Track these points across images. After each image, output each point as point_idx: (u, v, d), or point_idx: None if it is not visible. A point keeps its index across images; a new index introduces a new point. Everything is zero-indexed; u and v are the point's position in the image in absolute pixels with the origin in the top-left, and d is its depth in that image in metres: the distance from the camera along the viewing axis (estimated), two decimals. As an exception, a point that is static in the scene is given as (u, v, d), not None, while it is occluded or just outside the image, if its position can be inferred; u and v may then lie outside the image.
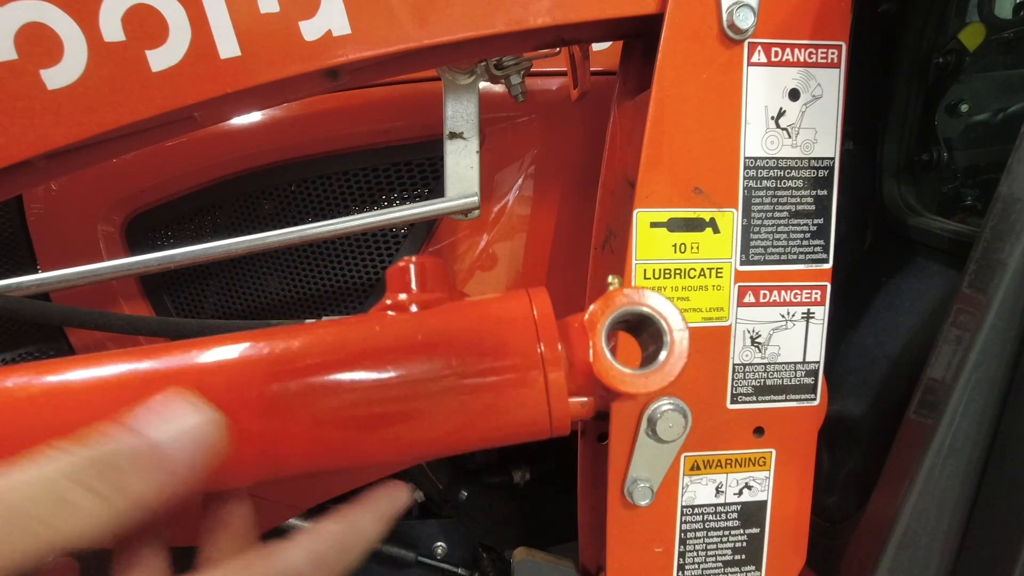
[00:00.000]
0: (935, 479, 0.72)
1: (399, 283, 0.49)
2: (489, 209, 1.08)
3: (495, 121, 1.06)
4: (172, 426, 0.36)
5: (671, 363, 0.43)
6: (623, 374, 0.43)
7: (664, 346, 0.43)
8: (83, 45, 0.62)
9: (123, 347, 1.10)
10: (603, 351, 0.43)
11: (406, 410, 0.43)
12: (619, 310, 0.44)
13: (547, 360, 0.44)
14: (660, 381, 0.43)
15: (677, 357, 0.43)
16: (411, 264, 0.49)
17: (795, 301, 0.74)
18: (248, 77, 0.65)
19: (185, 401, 0.37)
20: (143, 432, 0.35)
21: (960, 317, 0.70)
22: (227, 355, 0.43)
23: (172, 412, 0.36)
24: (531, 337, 0.45)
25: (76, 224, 1.03)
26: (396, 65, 0.74)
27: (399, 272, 0.49)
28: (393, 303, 0.48)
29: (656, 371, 0.43)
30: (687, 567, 0.78)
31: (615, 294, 0.45)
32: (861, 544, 0.81)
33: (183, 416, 0.36)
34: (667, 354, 0.43)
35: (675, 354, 0.43)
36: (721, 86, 0.69)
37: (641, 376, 0.43)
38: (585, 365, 0.44)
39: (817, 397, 0.76)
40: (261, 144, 1.05)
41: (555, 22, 0.67)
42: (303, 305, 1.09)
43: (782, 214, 0.72)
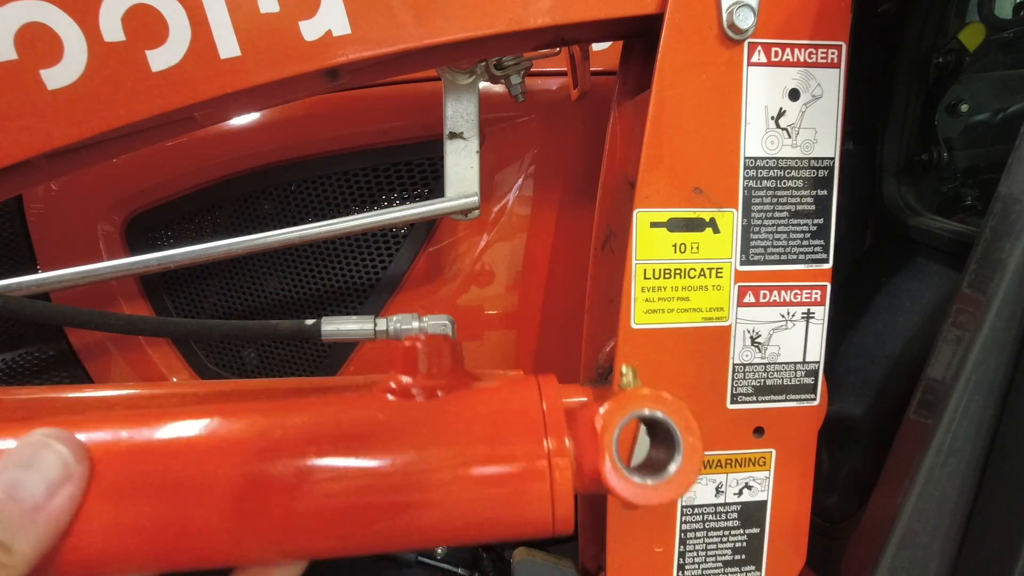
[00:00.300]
0: (935, 479, 0.72)
1: (407, 364, 0.47)
2: (489, 209, 1.08)
3: (495, 121, 1.06)
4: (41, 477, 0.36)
5: (684, 475, 0.41)
6: (635, 487, 0.41)
7: (676, 456, 0.41)
8: (83, 45, 0.62)
9: (123, 347, 1.10)
10: (614, 459, 0.41)
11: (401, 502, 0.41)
12: (632, 414, 0.42)
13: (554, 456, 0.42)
14: (672, 494, 0.41)
15: (689, 470, 0.41)
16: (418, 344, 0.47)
17: (795, 301, 0.74)
18: (248, 77, 0.65)
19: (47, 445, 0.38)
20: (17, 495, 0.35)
21: (960, 317, 0.70)
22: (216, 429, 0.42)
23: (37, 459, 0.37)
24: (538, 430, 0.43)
25: (76, 224, 1.03)
26: (396, 65, 0.74)
27: (408, 352, 0.47)
28: (398, 386, 0.46)
29: (666, 483, 0.41)
30: (687, 567, 0.78)
31: (630, 397, 0.42)
32: (861, 544, 0.81)
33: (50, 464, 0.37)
34: (678, 467, 0.41)
35: (687, 467, 0.41)
36: (721, 86, 0.69)
37: (653, 488, 0.41)
38: (593, 467, 0.42)
39: (817, 397, 0.76)
40: (261, 144, 1.05)
41: (555, 22, 0.67)
42: (303, 305, 1.09)
43: (782, 214, 0.72)
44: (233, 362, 1.13)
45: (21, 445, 0.38)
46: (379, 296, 1.08)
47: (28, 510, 0.35)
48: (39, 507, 0.36)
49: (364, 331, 0.79)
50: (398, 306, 1.08)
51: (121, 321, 0.83)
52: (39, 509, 0.36)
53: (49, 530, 0.36)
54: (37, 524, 0.36)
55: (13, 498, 0.35)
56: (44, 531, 0.36)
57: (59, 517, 0.37)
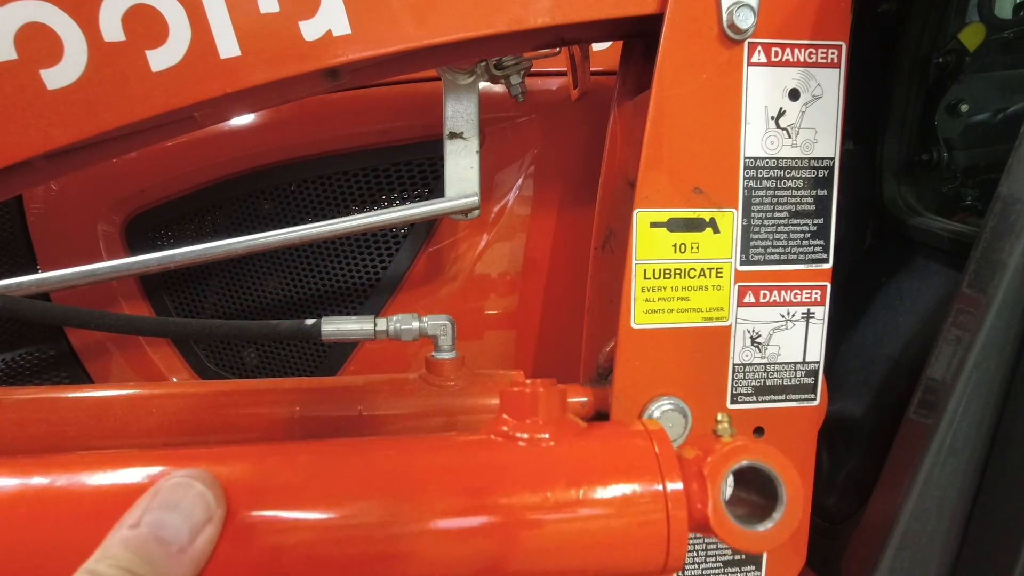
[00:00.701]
0: (935, 479, 0.72)
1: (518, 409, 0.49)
2: (489, 209, 1.08)
3: (495, 121, 1.06)
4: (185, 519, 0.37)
5: (785, 524, 0.44)
6: (741, 533, 0.43)
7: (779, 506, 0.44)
8: (83, 45, 0.62)
9: (123, 347, 1.10)
10: (721, 505, 0.44)
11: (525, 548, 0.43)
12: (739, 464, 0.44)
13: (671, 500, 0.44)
14: (773, 542, 0.43)
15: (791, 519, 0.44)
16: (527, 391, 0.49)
17: (795, 301, 0.74)
18: (248, 77, 0.65)
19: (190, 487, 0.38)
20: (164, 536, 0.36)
21: (960, 317, 0.70)
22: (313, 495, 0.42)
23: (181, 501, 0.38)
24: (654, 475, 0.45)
25: (76, 224, 1.03)
26: (396, 65, 0.74)
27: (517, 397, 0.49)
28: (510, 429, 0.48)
29: (771, 532, 0.43)
30: (687, 567, 0.78)
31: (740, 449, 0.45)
32: (861, 544, 0.81)
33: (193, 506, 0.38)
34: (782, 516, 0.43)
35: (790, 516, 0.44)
36: (721, 86, 0.68)
37: (757, 535, 0.43)
38: (698, 512, 0.44)
39: (817, 397, 0.76)
40: (261, 144, 1.05)
41: (555, 22, 0.67)
42: (303, 305, 1.09)
43: (782, 214, 0.72)
44: (233, 362, 1.13)
45: (165, 486, 0.38)
46: (379, 296, 1.08)
47: (173, 552, 0.36)
48: (183, 549, 0.36)
49: (364, 331, 0.79)
50: (398, 306, 1.08)
51: (121, 321, 0.83)
52: (183, 551, 0.36)
53: (192, 571, 0.37)
54: (181, 565, 0.36)
55: (159, 539, 0.36)
56: (188, 571, 0.37)
57: (200, 559, 0.37)
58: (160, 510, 0.37)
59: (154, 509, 0.37)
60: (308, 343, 1.11)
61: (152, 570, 0.35)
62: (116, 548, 0.35)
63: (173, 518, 0.37)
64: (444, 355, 0.79)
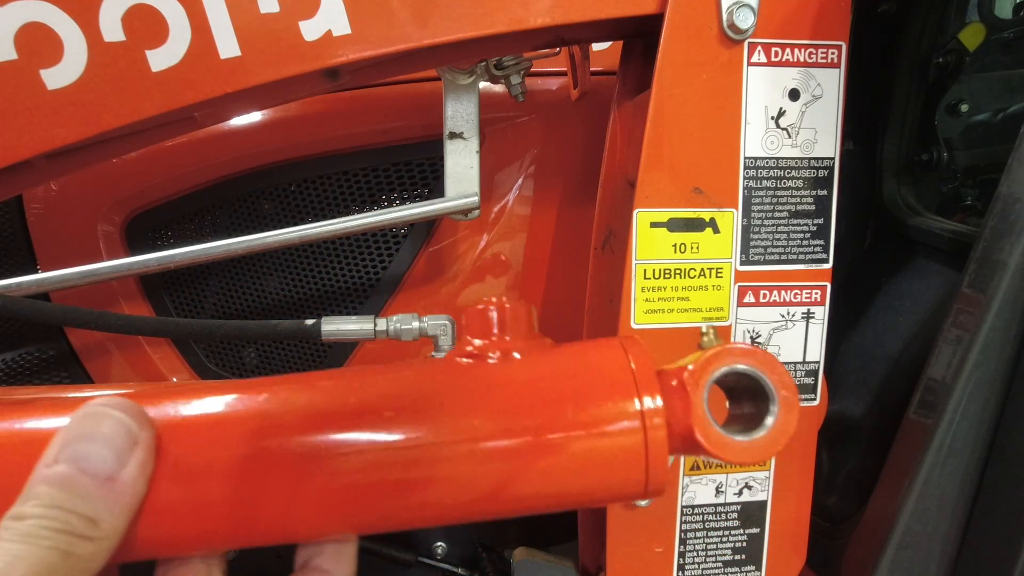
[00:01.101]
0: (935, 479, 0.72)
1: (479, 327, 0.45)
2: (489, 209, 1.08)
3: (495, 121, 1.06)
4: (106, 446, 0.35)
5: (779, 430, 0.39)
6: (727, 441, 0.39)
7: (772, 412, 0.39)
8: (83, 45, 0.62)
9: (123, 347, 1.10)
10: (705, 414, 0.39)
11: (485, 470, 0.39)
12: (724, 369, 0.40)
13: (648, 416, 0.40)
14: (767, 450, 0.39)
15: (785, 424, 0.39)
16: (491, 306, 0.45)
17: (795, 301, 0.74)
18: (248, 77, 0.65)
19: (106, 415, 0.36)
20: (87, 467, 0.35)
21: (960, 317, 0.70)
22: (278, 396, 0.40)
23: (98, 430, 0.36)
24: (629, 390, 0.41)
25: (76, 224, 1.03)
26: (396, 65, 0.74)
27: (479, 315, 0.45)
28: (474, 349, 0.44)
29: (763, 439, 0.39)
30: (687, 567, 0.78)
31: (721, 352, 0.40)
32: (861, 544, 0.81)
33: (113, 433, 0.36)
34: (775, 420, 0.39)
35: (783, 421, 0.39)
36: (721, 86, 0.69)
37: (746, 444, 0.39)
38: (682, 426, 0.40)
39: (817, 397, 0.76)
40: (261, 144, 1.05)
41: (555, 22, 0.67)
42: (303, 305, 1.09)
43: (782, 214, 0.72)
44: (233, 362, 1.13)
45: (78, 417, 0.37)
46: (379, 296, 1.08)
47: (102, 481, 0.34)
48: (112, 477, 0.35)
49: (364, 331, 0.79)
50: (398, 306, 1.08)
51: (121, 321, 0.83)
52: (113, 479, 0.34)
53: (128, 499, 0.35)
54: (116, 493, 0.34)
55: (83, 471, 0.34)
56: (124, 500, 0.35)
57: (134, 485, 0.35)
58: (77, 442, 0.35)
59: (70, 443, 0.35)
60: (308, 343, 1.11)
61: (83, 503, 0.33)
62: (39, 487, 0.34)
63: (92, 447, 0.35)
64: (444, 355, 0.79)
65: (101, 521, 0.34)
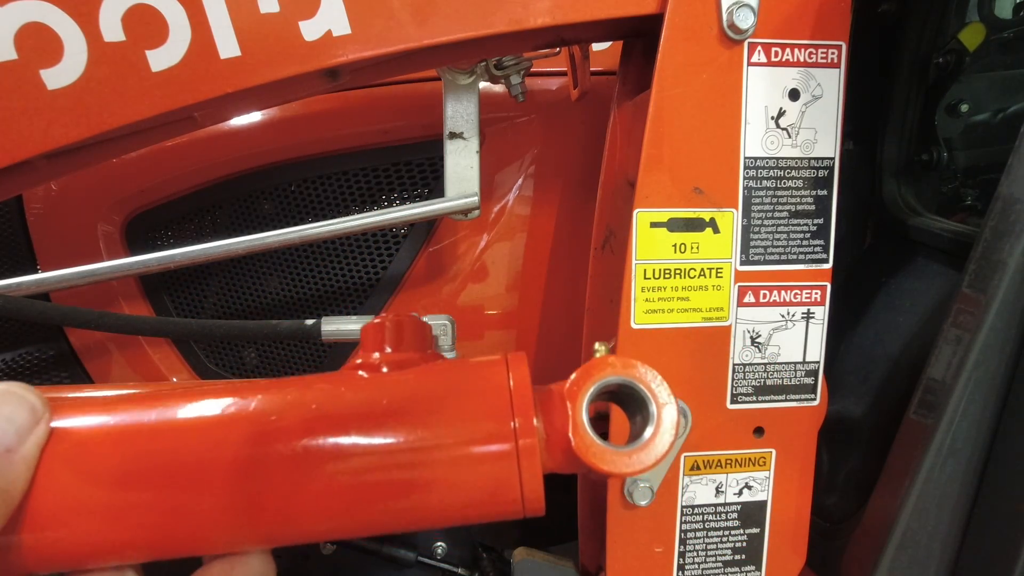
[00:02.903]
0: (935, 479, 0.72)
1: (374, 341, 0.45)
2: (489, 209, 1.08)
3: (495, 121, 1.06)
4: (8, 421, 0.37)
5: (657, 440, 0.39)
6: (604, 451, 0.39)
7: (650, 421, 0.39)
8: (83, 45, 0.62)
9: (123, 347, 1.10)
10: (583, 425, 0.39)
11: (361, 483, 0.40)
12: (601, 381, 0.40)
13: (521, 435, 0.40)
14: (644, 460, 0.39)
15: (663, 434, 0.39)
16: (386, 322, 0.46)
17: (795, 301, 0.74)
18: (248, 77, 0.65)
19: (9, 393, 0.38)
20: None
21: (960, 317, 0.70)
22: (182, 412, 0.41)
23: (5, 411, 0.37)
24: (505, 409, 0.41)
25: (76, 224, 1.03)
26: (396, 65, 0.74)
27: (374, 330, 0.46)
28: (364, 362, 0.45)
29: (640, 449, 0.39)
30: (687, 567, 0.78)
31: (598, 363, 0.41)
32: (861, 544, 0.81)
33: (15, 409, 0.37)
34: (653, 430, 0.39)
35: (661, 431, 0.39)
36: (721, 86, 0.68)
37: (624, 454, 0.39)
38: (565, 440, 0.40)
39: (817, 397, 0.76)
40: (261, 144, 1.05)
41: (555, 22, 0.67)
42: (303, 305, 1.09)
43: (782, 214, 0.72)
44: (233, 362, 1.13)
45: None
46: (379, 296, 1.08)
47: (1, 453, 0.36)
48: (12, 450, 0.36)
49: (364, 331, 0.79)
50: (398, 306, 1.08)
51: (121, 321, 0.83)
52: (12, 452, 0.36)
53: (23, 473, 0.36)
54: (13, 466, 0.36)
55: None
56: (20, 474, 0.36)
57: (31, 462, 0.37)
58: None
59: None
60: (308, 343, 1.11)
61: None
62: None
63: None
64: (444, 355, 0.79)
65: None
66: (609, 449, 0.39)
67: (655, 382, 0.40)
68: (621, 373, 0.40)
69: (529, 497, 0.41)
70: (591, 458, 0.39)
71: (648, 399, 0.40)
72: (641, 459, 0.39)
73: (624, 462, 0.39)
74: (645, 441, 0.39)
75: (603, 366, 0.41)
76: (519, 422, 0.40)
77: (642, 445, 0.39)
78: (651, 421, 0.39)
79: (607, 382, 0.40)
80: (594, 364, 0.41)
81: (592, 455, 0.39)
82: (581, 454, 0.39)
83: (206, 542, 0.40)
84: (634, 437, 0.40)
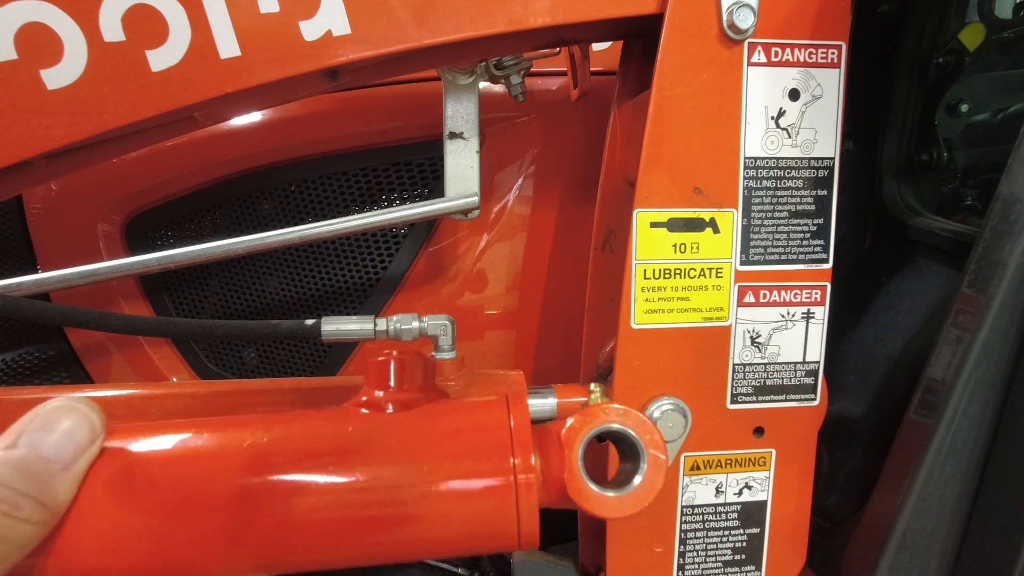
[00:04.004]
0: (935, 479, 0.72)
1: (378, 378, 0.48)
2: (489, 209, 1.08)
3: (495, 121, 1.06)
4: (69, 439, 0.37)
5: (646, 487, 0.42)
6: (597, 496, 0.42)
7: (640, 470, 0.42)
8: (83, 45, 0.62)
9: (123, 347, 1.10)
10: (578, 470, 0.42)
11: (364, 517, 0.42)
12: (598, 428, 0.43)
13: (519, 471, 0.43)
14: (634, 506, 0.42)
15: (652, 482, 0.42)
16: (391, 360, 0.48)
17: (795, 301, 0.74)
18: (248, 77, 0.65)
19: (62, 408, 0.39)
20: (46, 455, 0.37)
21: (960, 317, 0.70)
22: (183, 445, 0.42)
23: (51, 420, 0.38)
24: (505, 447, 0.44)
25: (76, 224, 1.03)
26: (396, 65, 0.74)
27: (378, 367, 0.48)
28: (369, 400, 0.48)
29: (630, 495, 0.42)
30: (687, 567, 0.78)
31: (596, 411, 0.44)
32: (861, 544, 0.81)
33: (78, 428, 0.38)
34: (642, 479, 0.42)
35: (651, 479, 0.42)
36: (721, 86, 0.68)
37: (615, 499, 0.42)
38: (559, 481, 0.43)
39: (817, 397, 0.76)
40: (261, 144, 1.05)
41: (555, 22, 0.67)
42: (303, 305, 1.09)
43: (782, 214, 0.72)
44: (233, 362, 1.13)
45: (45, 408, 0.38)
46: (379, 296, 1.08)
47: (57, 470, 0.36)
48: (67, 467, 0.37)
49: (364, 331, 0.79)
50: (398, 306, 1.08)
51: (121, 321, 0.83)
52: (67, 469, 0.36)
53: (73, 492, 0.37)
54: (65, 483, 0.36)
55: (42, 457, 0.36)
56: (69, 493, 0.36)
57: (80, 480, 0.37)
58: (39, 431, 0.37)
59: (32, 431, 0.37)
60: (308, 343, 1.11)
61: (36, 487, 0.35)
62: None
63: (54, 437, 0.37)
64: (444, 355, 0.79)
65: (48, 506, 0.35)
66: (602, 494, 0.42)
67: (650, 433, 0.43)
68: (617, 422, 0.43)
69: (525, 531, 0.43)
70: (584, 502, 0.42)
71: (642, 450, 0.43)
72: (630, 504, 0.42)
73: (615, 506, 0.42)
74: (635, 488, 0.42)
75: (600, 414, 0.44)
76: (519, 460, 0.43)
77: (631, 492, 0.42)
78: (641, 470, 0.42)
79: (603, 429, 0.43)
80: (592, 411, 0.44)
81: (584, 499, 0.42)
82: (574, 497, 0.42)
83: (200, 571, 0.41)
84: (623, 479, 0.43)
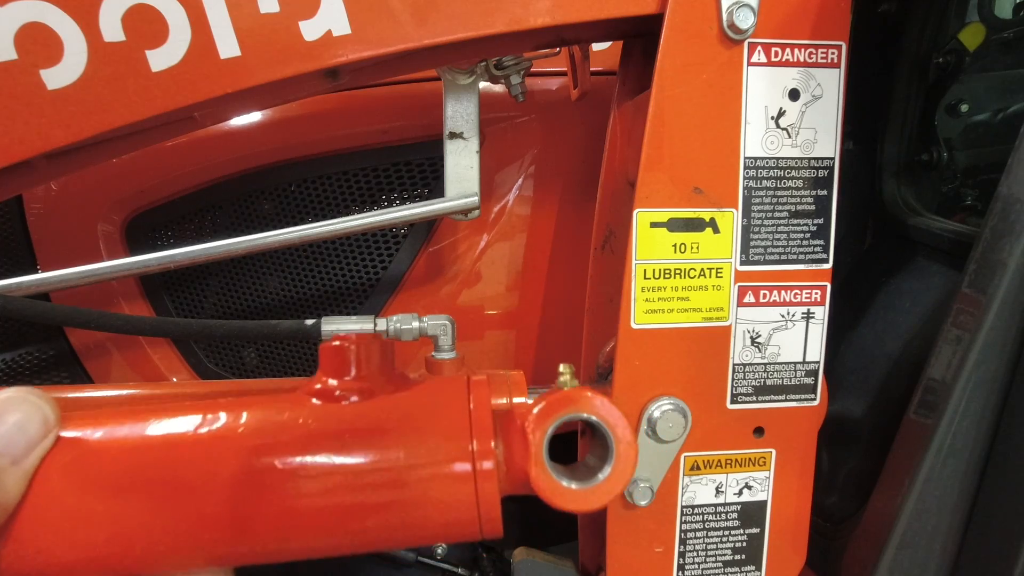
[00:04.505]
0: (935, 479, 0.72)
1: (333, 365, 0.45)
2: (489, 209, 1.08)
3: (495, 121, 1.06)
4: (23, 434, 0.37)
5: (614, 480, 0.40)
6: (562, 489, 0.40)
7: (609, 461, 0.40)
8: (83, 45, 0.62)
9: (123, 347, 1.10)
10: (542, 460, 0.40)
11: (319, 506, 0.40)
12: (564, 417, 0.41)
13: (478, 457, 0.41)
14: (601, 499, 0.40)
15: (620, 474, 0.40)
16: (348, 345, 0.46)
17: (795, 301, 0.74)
18: (248, 77, 0.65)
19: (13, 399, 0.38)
20: None
21: (960, 317, 0.70)
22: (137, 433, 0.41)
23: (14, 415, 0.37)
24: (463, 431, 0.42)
25: (76, 224, 1.03)
26: (396, 65, 0.74)
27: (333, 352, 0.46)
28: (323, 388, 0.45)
29: (598, 487, 0.40)
30: (687, 567, 0.78)
31: (561, 399, 0.41)
32: (861, 544, 0.81)
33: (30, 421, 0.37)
34: (611, 471, 0.40)
35: (619, 472, 0.40)
36: (721, 86, 0.68)
37: (581, 492, 0.40)
38: (521, 469, 0.41)
39: (817, 397, 0.76)
40: (261, 144, 1.05)
41: (555, 22, 0.67)
42: (303, 305, 1.09)
43: (782, 214, 0.72)
44: (233, 362, 1.13)
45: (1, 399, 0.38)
46: (379, 296, 1.08)
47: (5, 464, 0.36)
48: (17, 461, 0.36)
49: (364, 331, 0.79)
50: (398, 306, 1.08)
51: (121, 321, 0.83)
52: (17, 463, 0.36)
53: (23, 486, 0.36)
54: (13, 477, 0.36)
55: None
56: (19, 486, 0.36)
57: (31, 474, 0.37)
58: None
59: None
60: (308, 343, 1.11)
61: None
62: None
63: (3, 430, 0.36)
64: (444, 355, 0.79)
65: None
66: (567, 487, 0.40)
67: (616, 420, 0.41)
68: (584, 410, 0.41)
69: (486, 518, 0.41)
70: (547, 493, 0.40)
71: (610, 439, 0.40)
72: (597, 498, 0.40)
73: (581, 499, 0.40)
74: (601, 481, 0.40)
75: (566, 402, 0.41)
76: (477, 444, 0.41)
77: (598, 485, 0.40)
78: (610, 460, 0.40)
79: (571, 418, 0.41)
80: (557, 398, 0.42)
81: (547, 491, 0.40)
82: (537, 489, 0.40)
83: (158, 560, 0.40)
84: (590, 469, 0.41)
